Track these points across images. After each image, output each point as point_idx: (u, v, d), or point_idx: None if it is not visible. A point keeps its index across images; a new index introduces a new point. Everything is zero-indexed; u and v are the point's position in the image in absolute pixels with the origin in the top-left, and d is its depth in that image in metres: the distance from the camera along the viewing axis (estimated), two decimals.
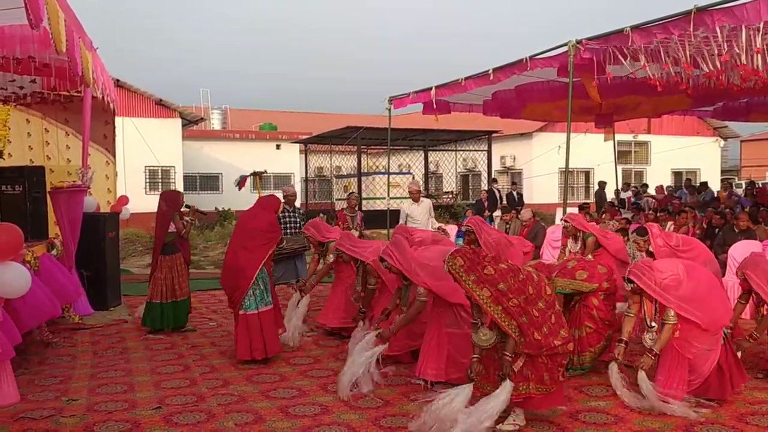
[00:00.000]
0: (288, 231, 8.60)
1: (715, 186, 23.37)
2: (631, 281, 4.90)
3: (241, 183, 9.14)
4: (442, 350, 5.25)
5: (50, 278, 6.68)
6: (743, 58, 6.77)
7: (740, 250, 8.12)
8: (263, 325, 6.07)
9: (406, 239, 6.51)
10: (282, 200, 8.67)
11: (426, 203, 9.80)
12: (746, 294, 5.52)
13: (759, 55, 6.83)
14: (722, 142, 31.31)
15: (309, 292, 7.24)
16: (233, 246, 6.26)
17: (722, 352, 4.83)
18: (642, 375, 4.80)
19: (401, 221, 9.48)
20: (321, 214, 18.06)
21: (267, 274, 6.27)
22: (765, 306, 5.39)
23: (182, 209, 7.58)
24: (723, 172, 34.17)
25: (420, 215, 9.47)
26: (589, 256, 6.98)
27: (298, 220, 8.82)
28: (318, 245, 7.47)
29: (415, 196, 9.75)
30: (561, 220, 7.78)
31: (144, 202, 19.50)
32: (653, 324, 4.91)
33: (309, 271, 7.95)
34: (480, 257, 4.38)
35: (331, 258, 7.08)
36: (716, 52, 6.88)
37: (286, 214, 8.72)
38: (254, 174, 8.90)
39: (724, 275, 8.30)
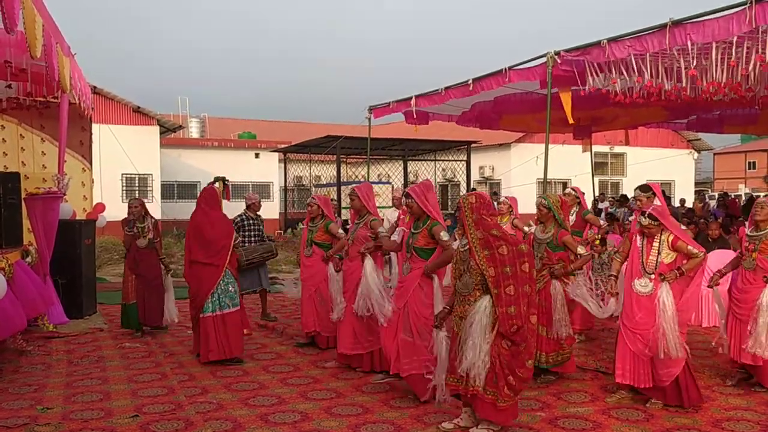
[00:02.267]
0: (252, 239, 8.44)
1: (689, 197, 23.78)
2: (652, 217, 4.99)
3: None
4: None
5: (20, 288, 6.57)
6: (715, 73, 6.91)
7: (715, 260, 8.25)
8: (219, 327, 6.34)
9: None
10: (245, 207, 8.59)
11: None
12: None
13: (728, 69, 6.96)
14: (696, 155, 31.83)
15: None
16: (197, 255, 6.46)
17: None
18: (667, 288, 4.90)
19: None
20: (300, 224, 18.05)
21: (232, 276, 6.54)
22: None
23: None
24: (697, 184, 34.74)
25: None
26: (600, 222, 7.57)
27: (261, 227, 8.65)
28: (317, 216, 7.10)
29: (397, 203, 9.65)
30: (569, 188, 7.94)
31: (121, 209, 19.23)
32: (648, 270, 4.99)
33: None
34: (488, 206, 4.49)
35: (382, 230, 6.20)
36: (684, 66, 7.00)
37: (250, 221, 8.50)
38: (217, 180, 8.88)
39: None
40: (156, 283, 7.75)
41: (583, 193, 8.03)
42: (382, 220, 6.47)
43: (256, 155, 26.80)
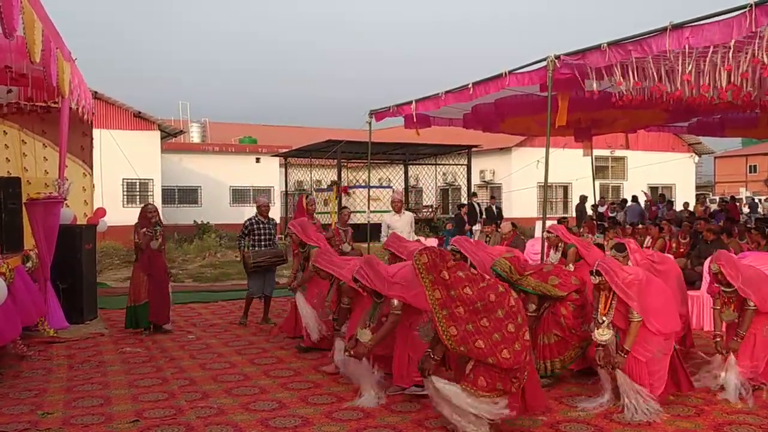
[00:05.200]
0: (262, 243, 8.52)
1: (690, 201, 23.77)
2: (598, 274, 4.98)
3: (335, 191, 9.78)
4: (407, 356, 5.25)
5: (15, 295, 6.53)
6: (716, 77, 6.90)
7: None
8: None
9: (399, 251, 6.53)
10: (256, 211, 8.70)
11: (408, 216, 9.67)
12: (718, 298, 5.56)
13: (726, 73, 6.95)
14: (697, 158, 31.85)
15: (298, 288, 7.27)
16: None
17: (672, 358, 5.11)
18: (622, 375, 4.85)
19: (383, 233, 9.37)
20: None
21: None
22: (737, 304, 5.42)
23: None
24: (698, 187, 34.75)
25: (402, 227, 9.34)
26: (570, 266, 7.07)
27: (272, 231, 8.69)
28: (299, 244, 7.42)
29: (397, 206, 9.62)
30: (545, 231, 7.77)
31: (121, 214, 19.30)
32: (603, 319, 5.01)
33: (293, 267, 8.06)
34: (444, 261, 4.44)
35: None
36: (681, 70, 6.99)
37: (261, 225, 8.56)
38: (333, 184, 9.44)
39: (700, 288, 8.43)
40: (165, 284, 8.09)
41: (565, 221, 7.91)
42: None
43: (257, 160, 26.83)
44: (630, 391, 4.82)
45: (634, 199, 19.89)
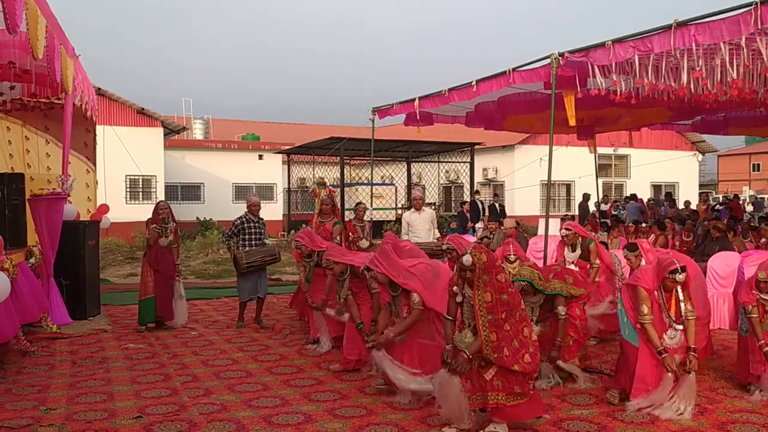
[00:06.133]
0: (253, 242, 8.31)
1: (693, 199, 23.74)
2: (683, 270, 4.86)
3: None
4: (413, 359, 5.23)
5: (17, 293, 6.53)
6: (718, 75, 6.87)
7: (719, 261, 8.25)
8: None
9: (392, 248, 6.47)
10: (246, 210, 8.49)
11: (428, 213, 9.47)
12: (756, 306, 5.31)
13: (735, 70, 6.91)
14: (700, 157, 31.74)
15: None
16: None
17: None
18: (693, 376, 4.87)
19: (403, 231, 9.26)
20: (304, 225, 18.05)
21: None
22: None
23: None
24: (701, 186, 34.65)
25: (421, 225, 9.17)
26: (597, 262, 7.18)
27: (262, 230, 8.45)
28: (307, 256, 7.33)
29: (417, 204, 9.38)
30: (561, 229, 7.64)
31: (124, 211, 19.36)
32: (674, 322, 4.93)
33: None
34: (496, 263, 4.46)
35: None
36: (688, 67, 6.95)
37: (251, 224, 8.31)
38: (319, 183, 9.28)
39: None
40: (171, 282, 8.16)
41: (569, 218, 7.87)
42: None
43: (260, 157, 26.79)
44: (692, 396, 4.82)
45: (633, 197, 19.90)
